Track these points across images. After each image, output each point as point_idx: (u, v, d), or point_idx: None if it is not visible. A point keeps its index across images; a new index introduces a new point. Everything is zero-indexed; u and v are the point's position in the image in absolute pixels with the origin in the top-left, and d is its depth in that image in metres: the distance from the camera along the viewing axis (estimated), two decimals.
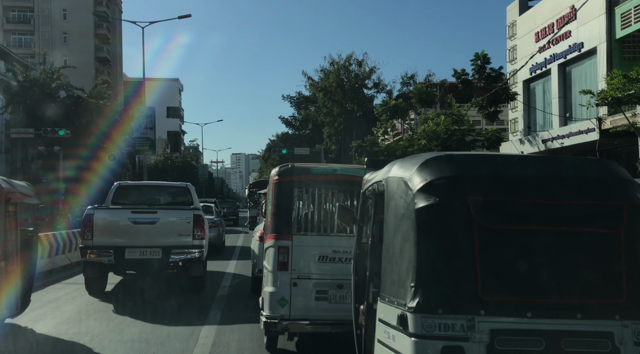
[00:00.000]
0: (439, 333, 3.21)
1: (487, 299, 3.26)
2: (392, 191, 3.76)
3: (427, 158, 3.64)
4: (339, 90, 29.60)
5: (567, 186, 3.46)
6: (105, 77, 62.90)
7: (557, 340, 3.23)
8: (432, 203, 3.34)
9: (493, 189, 3.44)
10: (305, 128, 49.42)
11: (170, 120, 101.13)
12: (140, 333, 7.84)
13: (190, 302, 10.14)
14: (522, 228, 3.38)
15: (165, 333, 7.85)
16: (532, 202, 3.40)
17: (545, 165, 3.83)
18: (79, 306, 9.94)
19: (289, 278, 6.41)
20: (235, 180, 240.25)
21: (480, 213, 3.31)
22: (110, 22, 74.51)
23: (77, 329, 8.20)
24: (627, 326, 3.28)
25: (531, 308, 3.27)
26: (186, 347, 7.13)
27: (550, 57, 22.72)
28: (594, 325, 3.28)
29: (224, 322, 8.42)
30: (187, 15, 30.14)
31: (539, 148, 23.32)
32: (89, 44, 69.25)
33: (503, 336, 3.23)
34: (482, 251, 3.29)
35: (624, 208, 3.38)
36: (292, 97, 49.02)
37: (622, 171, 3.70)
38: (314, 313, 6.37)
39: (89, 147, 33.81)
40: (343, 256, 6.42)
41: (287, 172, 6.71)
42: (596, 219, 3.39)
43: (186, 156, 77.55)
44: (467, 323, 3.22)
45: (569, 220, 3.36)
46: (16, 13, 68.83)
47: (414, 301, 3.27)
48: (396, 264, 3.60)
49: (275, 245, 6.49)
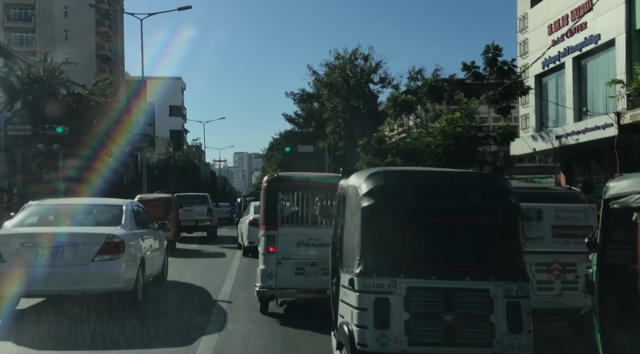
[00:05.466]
0: (373, 290, 4.67)
1: (405, 267, 4.74)
2: (350, 195, 5.29)
3: (371, 173, 5.15)
4: (344, 85, 28.82)
5: (462, 192, 5.03)
6: (107, 75, 62.18)
7: (452, 294, 4.68)
8: (371, 203, 4.84)
9: (411, 194, 4.94)
10: (309, 125, 48.60)
11: (173, 118, 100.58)
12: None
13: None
14: (430, 220, 4.91)
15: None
16: (436, 203, 4.95)
17: (448, 178, 5.42)
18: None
19: (275, 259, 8.56)
20: (238, 179, 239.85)
21: (402, 210, 4.82)
22: (112, 20, 73.88)
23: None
24: (499, 285, 4.75)
25: (435, 273, 4.74)
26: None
27: (565, 50, 21.91)
28: (477, 284, 4.75)
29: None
30: (188, 6, 29.32)
31: (553, 144, 22.54)
32: (90, 41, 68.61)
33: (416, 291, 4.68)
34: (402, 235, 4.79)
35: (500, 207, 4.93)
36: (296, 94, 48.30)
37: (503, 181, 5.53)
38: (294, 284, 8.59)
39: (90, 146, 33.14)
40: (315, 242, 8.60)
41: (274, 180, 9.02)
42: (481, 214, 4.95)
43: (189, 155, 76.90)
44: (391, 282, 4.66)
45: (462, 215, 4.93)
46: (17, 10, 68.24)
47: (358, 268, 4.77)
48: (350, 245, 5.12)
49: (265, 234, 8.66)
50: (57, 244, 8.22)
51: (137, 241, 9.44)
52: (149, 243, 10.22)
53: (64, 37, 67.89)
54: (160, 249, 11.24)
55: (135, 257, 9.06)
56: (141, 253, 9.42)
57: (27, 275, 8.09)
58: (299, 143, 44.81)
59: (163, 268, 11.68)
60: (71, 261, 8.20)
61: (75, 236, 8.53)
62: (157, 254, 10.96)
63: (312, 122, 46.87)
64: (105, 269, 8.32)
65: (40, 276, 8.13)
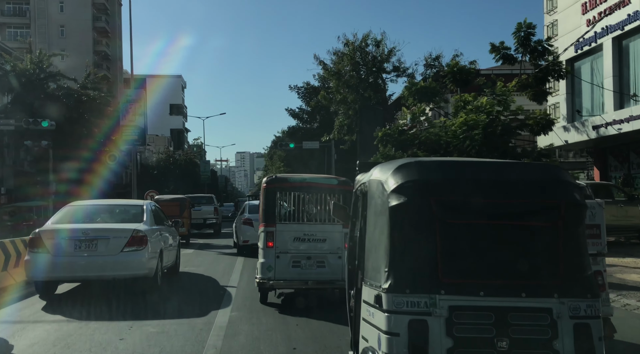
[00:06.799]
0: (407, 309, 3.82)
1: (447, 281, 3.85)
2: (373, 192, 4.43)
3: (400, 164, 4.21)
4: (354, 74, 26.57)
5: (514, 187, 4.11)
6: (105, 72, 60.09)
7: (505, 314, 3.80)
8: (401, 202, 3.95)
9: (452, 190, 4.04)
10: (314, 120, 46.21)
11: (174, 117, 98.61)
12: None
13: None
14: (475, 222, 3.96)
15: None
16: (484, 201, 3.99)
17: (497, 170, 4.39)
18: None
19: (274, 253, 9.11)
20: (239, 178, 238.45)
21: (441, 210, 3.90)
22: (109, 15, 71.79)
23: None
24: (564, 303, 3.84)
25: (483, 288, 3.84)
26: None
27: (602, 30, 19.71)
28: (536, 302, 3.85)
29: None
30: None
31: (589, 135, 20.33)
32: (87, 38, 66.60)
33: (460, 311, 3.80)
34: (442, 241, 3.88)
35: (562, 205, 3.99)
36: (300, 87, 45.92)
37: (564, 173, 4.33)
38: (291, 275, 9.09)
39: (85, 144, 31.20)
40: (310, 238, 9.16)
41: (272, 181, 9.54)
42: (539, 214, 3.98)
43: (189, 154, 74.74)
44: (430, 300, 3.81)
45: (516, 215, 3.97)
46: (11, 5, 66.30)
47: (387, 283, 3.90)
48: (375, 253, 4.27)
49: (265, 230, 9.23)
50: (92, 238, 9.87)
51: (156, 235, 10.96)
52: (165, 238, 11.75)
53: (60, 32, 65.94)
54: (174, 243, 12.69)
55: (155, 249, 10.61)
56: (160, 246, 11.00)
57: (69, 264, 9.82)
58: (303, 139, 42.57)
59: (176, 260, 13.09)
60: (104, 252, 9.83)
61: (107, 231, 10.17)
62: (172, 247, 12.45)
63: (317, 116, 44.47)
64: (132, 258, 9.93)
65: (79, 265, 9.85)
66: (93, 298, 9.98)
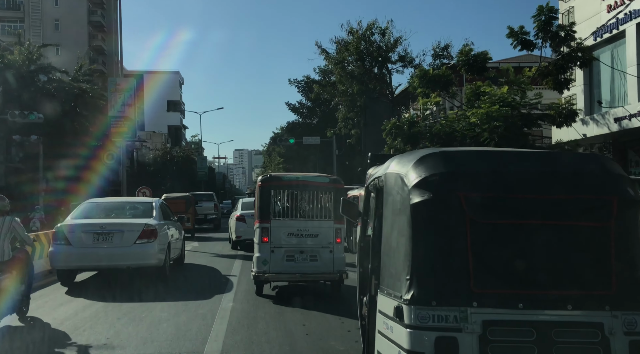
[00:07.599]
0: (433, 324, 3.33)
1: (479, 291, 3.38)
2: (390, 187, 3.94)
3: (423, 155, 3.73)
4: (359, 64, 25.30)
5: (558, 181, 3.54)
6: (100, 67, 58.80)
7: (548, 330, 3.33)
8: (426, 198, 3.46)
9: (485, 185, 3.53)
10: (314, 115, 44.91)
11: (171, 114, 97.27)
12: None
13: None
14: (513, 223, 3.45)
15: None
16: (523, 197, 3.48)
17: (537, 161, 3.86)
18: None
19: (269, 247, 9.82)
20: (238, 176, 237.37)
21: (472, 208, 3.42)
22: (105, 9, 70.39)
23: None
24: (617, 316, 3.36)
25: (522, 299, 3.38)
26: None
27: (625, 16, 18.50)
28: (584, 316, 3.39)
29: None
30: None
31: (610, 128, 19.15)
32: (82, 32, 65.25)
33: (495, 327, 3.34)
34: (474, 245, 3.40)
35: (614, 201, 3.46)
36: (300, 81, 44.61)
37: (614, 165, 3.80)
38: (285, 269, 9.81)
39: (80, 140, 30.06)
40: (303, 233, 9.83)
41: (267, 179, 10.26)
42: (587, 213, 3.45)
43: (187, 150, 73.40)
44: (460, 314, 3.34)
45: (560, 214, 3.45)
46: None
47: (409, 293, 3.42)
48: (393, 257, 3.78)
49: (260, 226, 9.89)
50: (108, 231, 10.94)
51: (164, 229, 11.99)
52: (172, 232, 12.78)
53: (55, 26, 64.55)
54: (179, 237, 13.75)
55: (163, 241, 11.65)
56: (167, 239, 12.04)
57: (88, 254, 10.88)
58: (303, 134, 41.30)
59: (182, 253, 14.14)
60: (118, 244, 10.87)
61: (121, 225, 11.24)
62: (178, 241, 13.43)
63: (318, 110, 43.21)
64: (143, 250, 10.99)
65: (96, 255, 10.89)
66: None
